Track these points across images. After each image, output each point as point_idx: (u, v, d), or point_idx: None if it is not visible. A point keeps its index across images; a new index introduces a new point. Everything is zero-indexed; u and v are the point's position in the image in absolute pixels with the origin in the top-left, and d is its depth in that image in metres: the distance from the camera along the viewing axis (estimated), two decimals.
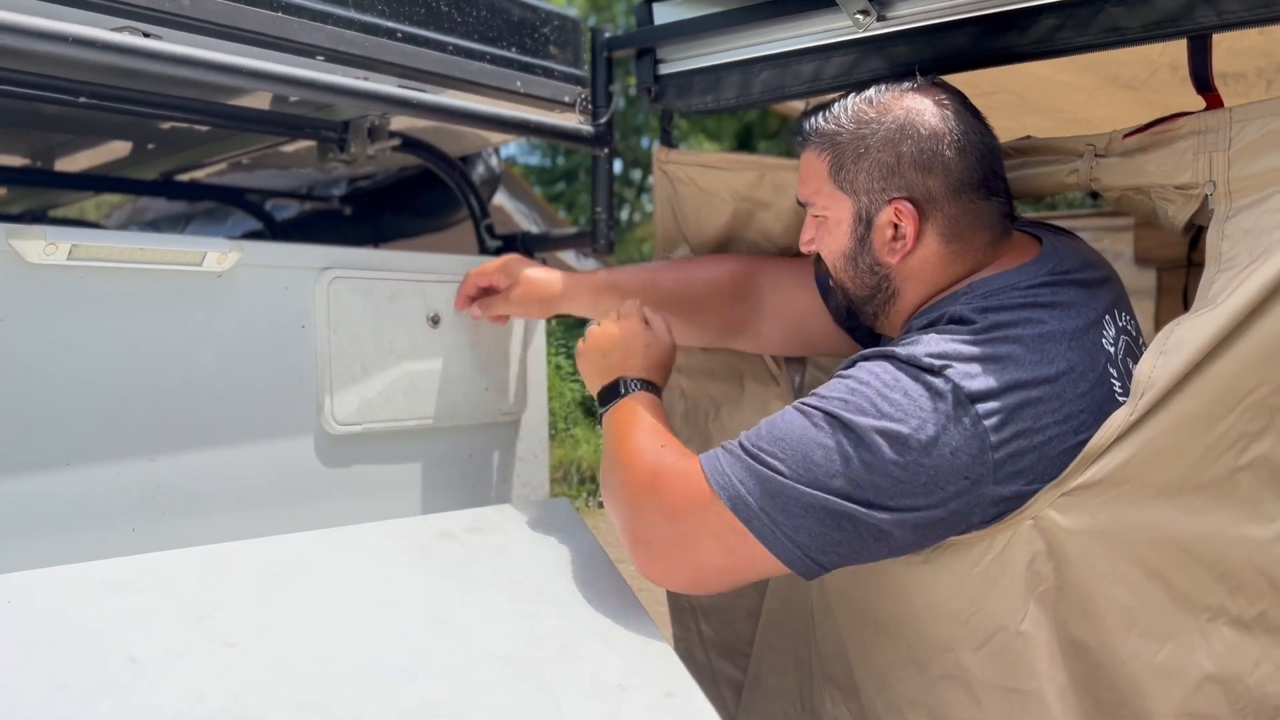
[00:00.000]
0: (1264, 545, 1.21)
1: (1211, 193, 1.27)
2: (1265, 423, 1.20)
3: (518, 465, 1.88)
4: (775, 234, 1.75)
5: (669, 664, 1.31)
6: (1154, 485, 1.23)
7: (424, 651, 1.24)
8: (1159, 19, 1.30)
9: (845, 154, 1.38)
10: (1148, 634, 1.25)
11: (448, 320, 1.76)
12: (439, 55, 1.64)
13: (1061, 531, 1.26)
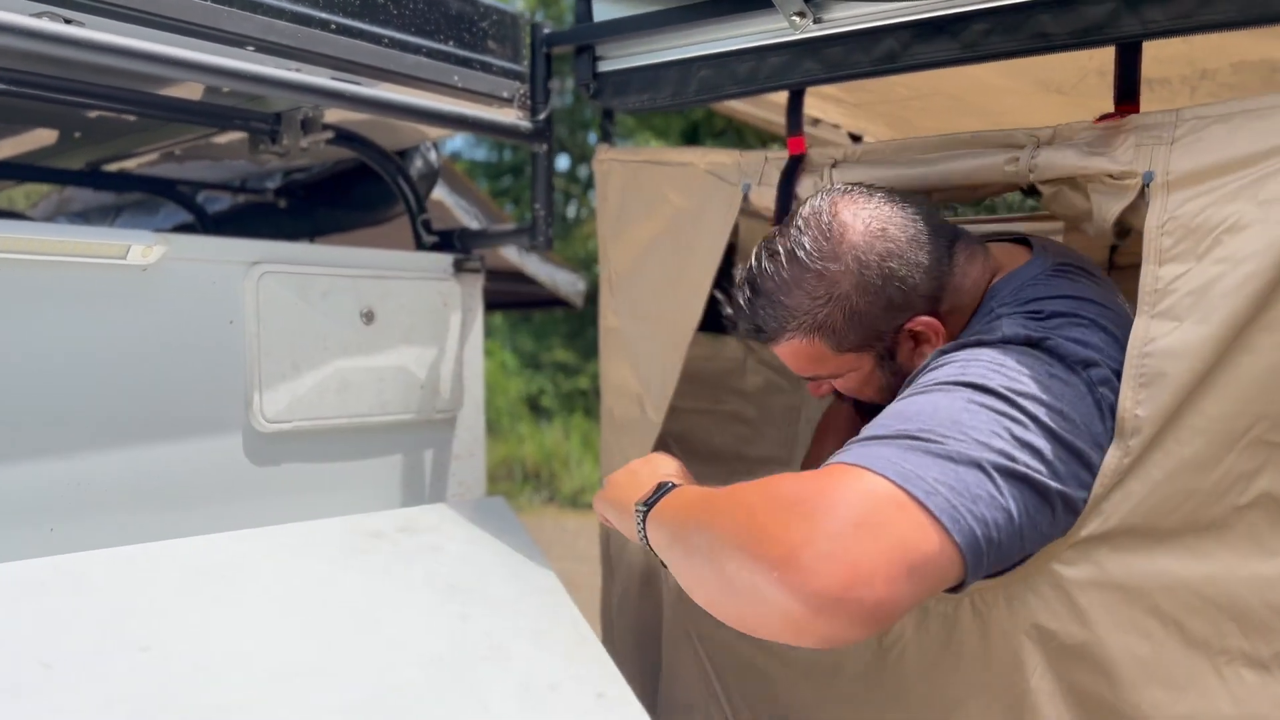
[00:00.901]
0: (1274, 582, 1.20)
1: (1149, 183, 1.28)
2: (1263, 459, 1.20)
3: (453, 464, 1.86)
4: (701, 249, 1.73)
5: (601, 664, 1.31)
6: (1159, 531, 1.24)
7: (349, 653, 1.23)
8: (1085, 26, 1.32)
9: (836, 325, 1.35)
10: (1167, 684, 1.25)
11: (382, 316, 1.73)
12: (374, 48, 1.62)
13: (1072, 585, 1.27)
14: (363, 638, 1.27)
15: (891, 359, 1.40)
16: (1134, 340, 1.27)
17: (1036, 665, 1.32)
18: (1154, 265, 1.27)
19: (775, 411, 2.40)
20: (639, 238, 1.81)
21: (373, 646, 1.26)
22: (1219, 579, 1.22)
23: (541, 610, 1.39)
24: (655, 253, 1.79)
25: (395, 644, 1.27)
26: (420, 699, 1.19)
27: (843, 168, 1.57)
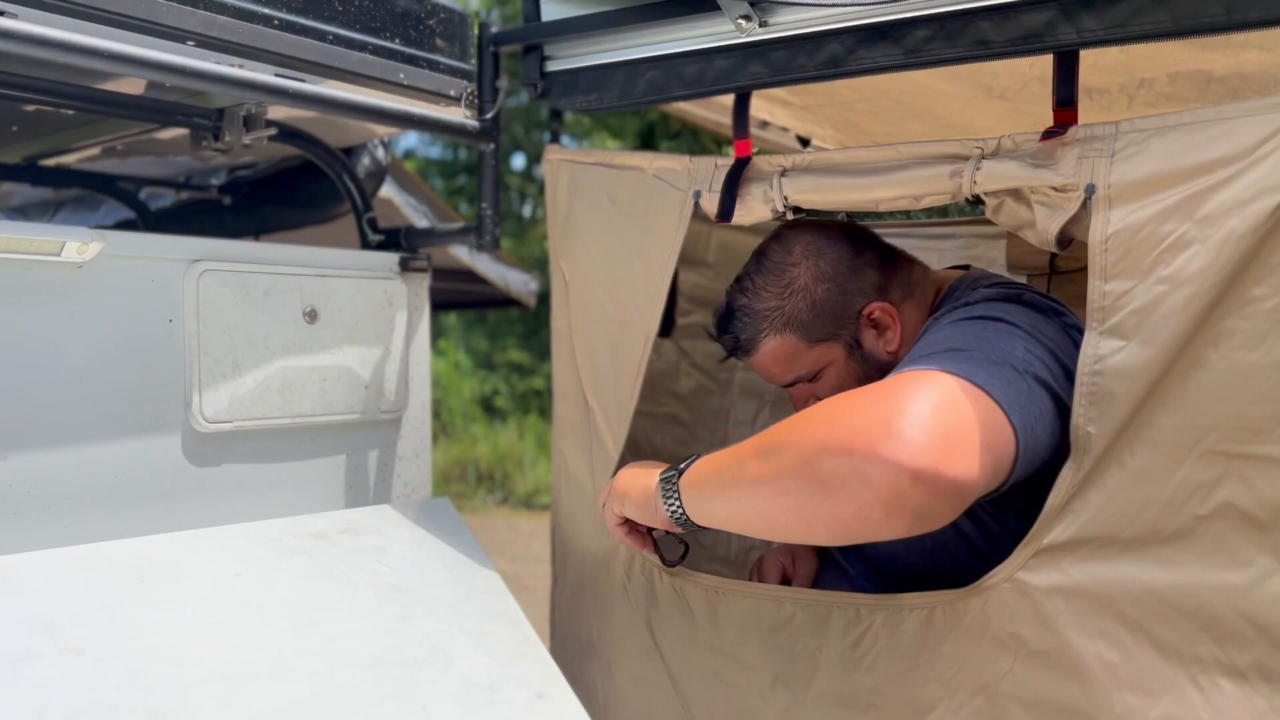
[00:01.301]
0: (1244, 591, 1.21)
1: (1091, 196, 1.31)
2: (1221, 470, 1.22)
3: (398, 465, 1.85)
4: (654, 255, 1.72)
5: (542, 665, 1.30)
6: (1122, 540, 1.26)
7: (286, 656, 1.21)
8: (1024, 34, 1.34)
9: (801, 316, 1.53)
10: (1140, 690, 1.26)
11: (325, 315, 1.72)
12: (318, 44, 1.60)
13: (1038, 592, 1.30)
14: (301, 640, 1.26)
15: (860, 347, 1.54)
16: (1084, 357, 1.30)
17: (1007, 670, 1.34)
18: (1099, 280, 1.29)
19: (707, 414, 2.41)
20: (590, 240, 1.81)
21: (311, 648, 1.25)
22: (1187, 587, 1.24)
23: (483, 611, 1.38)
24: (607, 256, 1.78)
25: (334, 646, 1.26)
26: (359, 701, 1.18)
27: (791, 176, 1.58)
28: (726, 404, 2.48)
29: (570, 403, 1.85)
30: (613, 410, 1.74)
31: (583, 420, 1.82)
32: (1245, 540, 1.22)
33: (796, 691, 1.52)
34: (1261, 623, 1.21)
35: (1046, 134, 1.35)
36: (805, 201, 1.58)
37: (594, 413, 1.79)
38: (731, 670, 1.59)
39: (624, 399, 1.72)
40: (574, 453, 1.85)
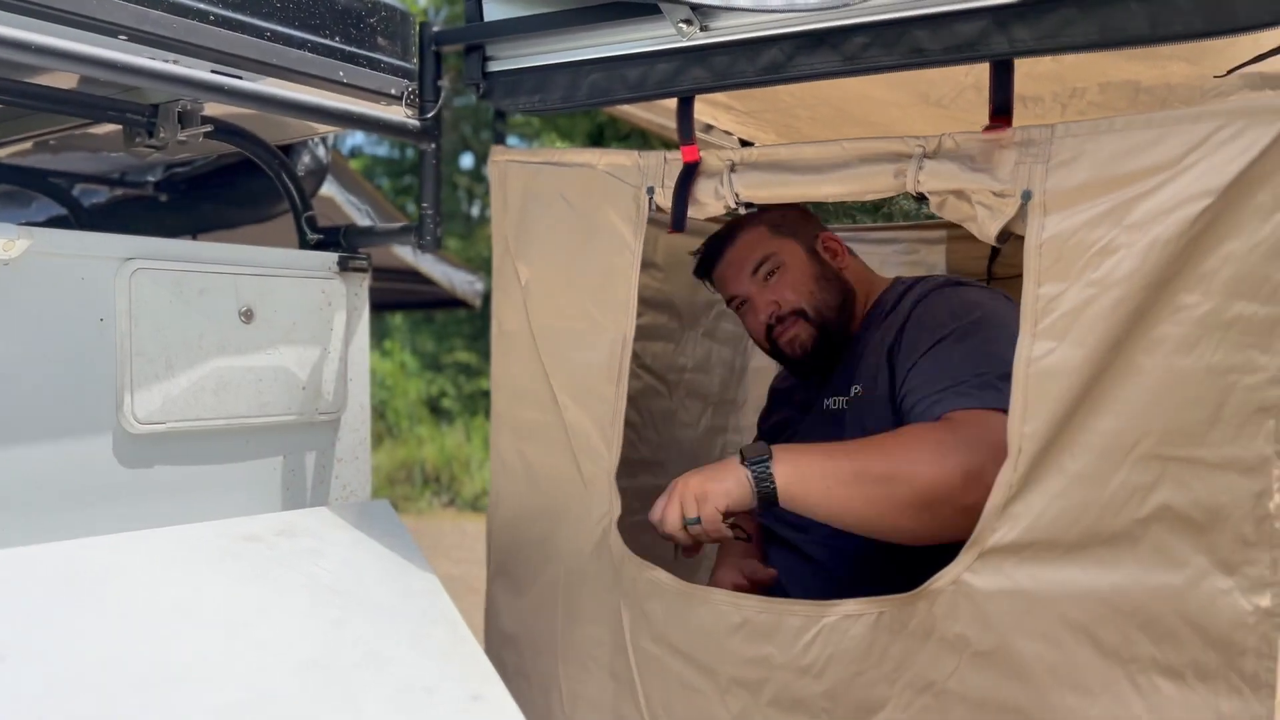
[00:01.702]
0: (1181, 592, 1.25)
1: (1028, 201, 1.34)
2: (1158, 473, 1.26)
3: (336, 466, 1.83)
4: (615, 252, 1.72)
5: (478, 666, 1.30)
6: (1064, 544, 1.30)
7: (219, 660, 1.20)
8: (958, 43, 1.37)
9: (771, 217, 1.90)
10: (1079, 689, 1.30)
11: (262, 315, 1.70)
12: (256, 41, 1.58)
13: (981, 594, 1.33)
14: (234, 644, 1.24)
15: (815, 255, 1.90)
16: (1019, 359, 1.33)
17: (953, 670, 1.37)
18: (1034, 284, 1.33)
19: (655, 415, 2.42)
20: (546, 240, 1.79)
21: (244, 653, 1.23)
22: (1128, 589, 1.27)
23: (420, 613, 1.38)
24: (566, 255, 1.77)
25: (268, 650, 1.25)
26: (293, 705, 1.17)
27: (741, 171, 1.60)
28: (674, 405, 2.49)
29: (536, 405, 1.83)
30: (600, 412, 1.73)
31: (554, 421, 1.80)
32: (1182, 542, 1.25)
33: (751, 696, 1.54)
34: (1198, 623, 1.25)
35: (988, 129, 1.38)
36: (755, 196, 1.60)
37: (568, 412, 1.77)
38: (692, 673, 1.61)
39: (610, 401, 1.71)
40: (542, 454, 1.82)
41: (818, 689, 1.49)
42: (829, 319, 1.86)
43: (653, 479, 2.42)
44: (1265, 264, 1.21)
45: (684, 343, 2.51)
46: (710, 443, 2.61)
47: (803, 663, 1.50)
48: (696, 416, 2.56)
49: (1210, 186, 1.24)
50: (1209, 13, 1.22)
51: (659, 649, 1.64)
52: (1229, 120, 1.23)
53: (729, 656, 1.57)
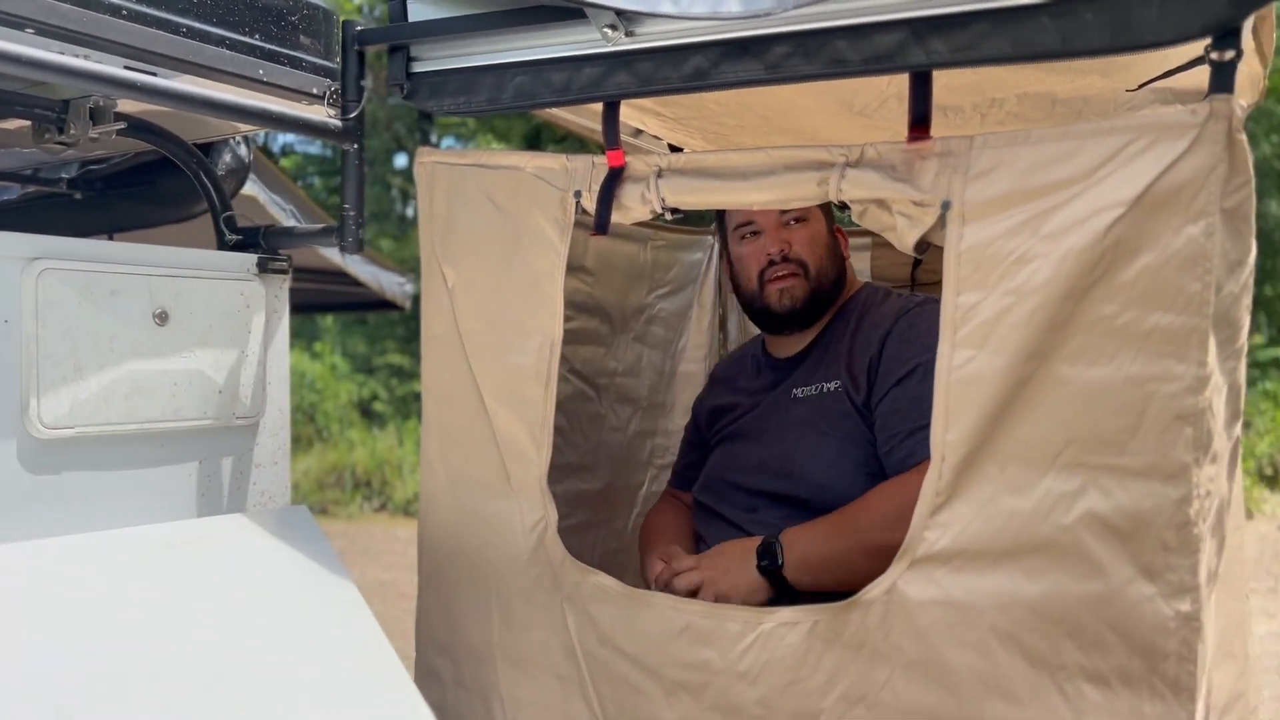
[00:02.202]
0: (1106, 599, 1.28)
1: (947, 211, 1.36)
2: (1082, 481, 1.28)
3: (254, 472, 1.80)
4: (541, 256, 1.71)
5: (394, 674, 1.29)
6: (992, 552, 1.32)
7: (128, 672, 1.17)
8: (877, 54, 1.39)
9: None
10: (1007, 698, 1.32)
11: (177, 317, 1.66)
12: (170, 37, 1.54)
13: (913, 604, 1.35)
14: (144, 655, 1.21)
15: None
16: (940, 367, 1.36)
17: (885, 681, 1.39)
18: (953, 293, 1.35)
19: (583, 420, 2.42)
20: (473, 243, 1.78)
21: (154, 664, 1.20)
22: (1054, 597, 1.30)
23: (335, 621, 1.36)
24: (493, 258, 1.75)
25: (179, 661, 1.22)
26: (204, 717, 1.14)
27: (667, 177, 1.60)
28: (603, 409, 2.49)
29: (463, 409, 1.81)
30: (529, 416, 1.72)
31: (482, 426, 1.78)
32: (1106, 549, 1.28)
33: (694, 699, 1.56)
34: (1122, 629, 1.28)
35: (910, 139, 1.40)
36: (681, 202, 1.61)
37: (497, 417, 1.75)
38: (639, 675, 1.62)
39: (539, 405, 1.70)
40: (469, 459, 1.80)
41: (753, 695, 1.51)
42: (822, 288, 1.93)
43: (580, 483, 2.41)
44: (1179, 275, 1.25)
45: (614, 347, 2.51)
46: (639, 446, 2.61)
47: (739, 668, 1.52)
48: (626, 420, 2.56)
49: (1122, 198, 1.27)
50: (1115, 30, 1.25)
51: (606, 651, 1.65)
52: (1140, 134, 1.27)
53: (672, 660, 1.58)
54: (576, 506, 2.40)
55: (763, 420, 1.95)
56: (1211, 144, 1.23)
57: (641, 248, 2.56)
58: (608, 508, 2.49)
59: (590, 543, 2.43)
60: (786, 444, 1.86)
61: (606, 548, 2.47)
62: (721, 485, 1.96)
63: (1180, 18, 1.22)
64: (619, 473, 2.53)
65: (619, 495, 2.53)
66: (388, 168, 13.71)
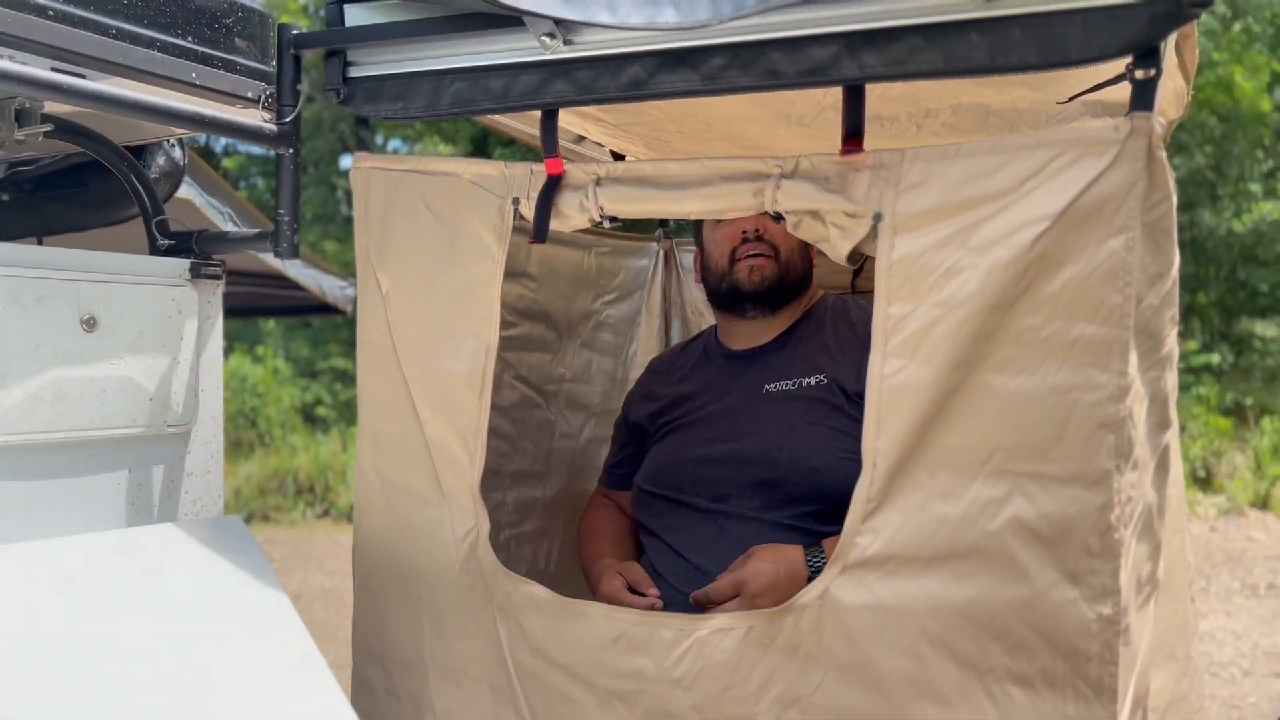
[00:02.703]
0: (1031, 603, 1.30)
1: (879, 223, 1.38)
2: (1008, 487, 1.31)
3: (186, 481, 1.77)
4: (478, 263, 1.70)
5: (325, 686, 1.27)
6: (923, 557, 1.34)
7: (53, 687, 1.14)
8: (811, 67, 1.41)
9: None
10: (937, 700, 1.34)
11: (106, 323, 1.62)
12: (100, 38, 1.51)
13: (845, 609, 1.36)
14: (69, 669, 1.19)
15: (804, 247, 1.99)
16: (871, 376, 1.38)
17: (818, 685, 1.41)
18: (885, 303, 1.38)
19: (531, 427, 2.41)
20: (408, 249, 1.77)
21: (79, 678, 1.18)
22: (982, 601, 1.32)
23: (265, 631, 1.34)
24: (429, 265, 1.74)
25: (105, 674, 1.19)
26: None
27: (606, 185, 1.60)
28: (552, 416, 2.48)
29: (395, 416, 1.79)
30: (462, 424, 1.70)
31: (414, 434, 1.77)
32: (1031, 554, 1.31)
33: (627, 707, 1.56)
34: (1046, 632, 1.31)
35: (845, 152, 1.42)
36: (619, 211, 1.61)
37: (429, 424, 1.74)
38: (571, 685, 1.61)
39: (472, 413, 1.69)
40: (401, 467, 1.79)
41: (688, 702, 1.51)
42: (790, 277, 1.97)
43: (531, 491, 2.40)
44: (1101, 287, 1.28)
45: (562, 353, 2.50)
46: (594, 453, 2.60)
47: (674, 675, 1.52)
48: (578, 427, 2.55)
49: (1047, 211, 1.30)
50: (1041, 48, 1.28)
51: (538, 662, 1.64)
52: (1065, 149, 1.30)
53: (606, 669, 1.58)
54: (529, 514, 2.39)
55: (730, 411, 1.96)
56: (1132, 160, 1.27)
57: (586, 254, 2.56)
58: (562, 515, 2.48)
59: (545, 551, 2.42)
60: (767, 436, 1.86)
61: (561, 556, 2.46)
62: (681, 474, 1.94)
63: (1102, 37, 1.25)
64: (573, 480, 2.52)
65: (573, 503, 2.52)
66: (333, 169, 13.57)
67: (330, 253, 11.60)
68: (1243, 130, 10.11)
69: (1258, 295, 10.40)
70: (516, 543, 2.34)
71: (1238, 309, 10.65)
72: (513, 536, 2.33)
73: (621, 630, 1.57)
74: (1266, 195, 10.41)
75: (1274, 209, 10.04)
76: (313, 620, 6.17)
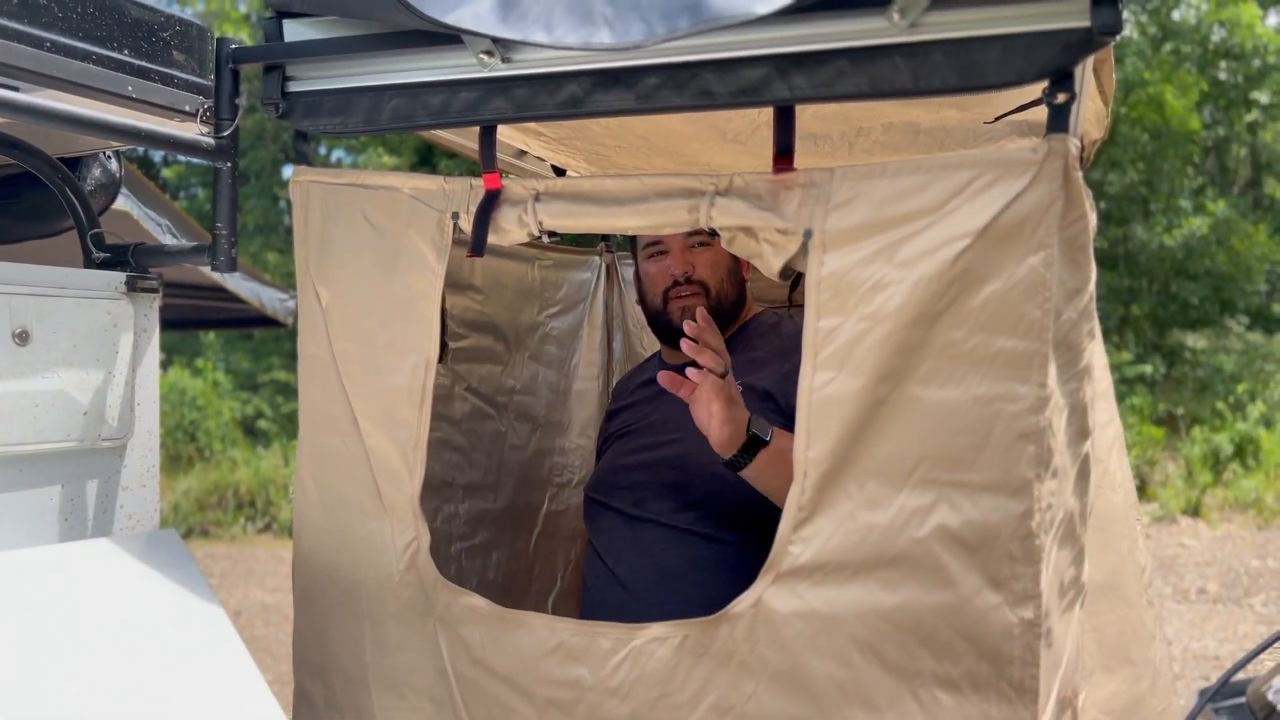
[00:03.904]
0: (956, 608, 1.34)
1: (809, 239, 1.42)
2: (934, 497, 1.35)
3: (121, 495, 1.75)
4: (418, 277, 1.71)
5: (262, 702, 1.27)
6: (852, 565, 1.37)
7: None
8: (743, 88, 1.44)
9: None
10: (866, 706, 1.37)
11: (39, 337, 1.61)
12: (31, 51, 1.51)
13: (778, 616, 1.39)
14: None
15: (734, 261, 2.04)
16: (802, 388, 1.41)
17: (752, 693, 1.43)
18: (815, 317, 1.42)
19: (483, 438, 2.42)
20: (348, 263, 1.77)
21: (10, 695, 1.17)
22: (909, 607, 1.36)
23: (202, 647, 1.33)
24: (368, 279, 1.75)
25: (37, 691, 1.18)
26: None
27: (545, 201, 1.62)
28: (503, 427, 2.49)
29: (336, 431, 1.79)
30: (402, 437, 1.71)
31: (355, 447, 1.76)
32: (956, 561, 1.35)
33: (565, 717, 1.57)
34: (971, 636, 1.35)
35: (777, 170, 1.46)
36: (558, 225, 1.63)
37: (370, 438, 1.74)
38: (511, 695, 1.62)
39: (413, 426, 1.69)
40: (342, 480, 1.78)
41: (624, 711, 1.53)
42: (722, 307, 2.03)
43: (482, 503, 2.41)
44: (1022, 302, 1.33)
45: (511, 365, 2.52)
46: (539, 464, 2.62)
47: (611, 684, 1.54)
48: (525, 439, 2.57)
49: (969, 229, 1.35)
50: (962, 72, 1.33)
51: (478, 673, 1.65)
52: (986, 170, 1.35)
53: (544, 678, 1.59)
54: (479, 527, 2.39)
55: (659, 421, 2.02)
56: (1050, 180, 1.32)
57: (530, 267, 2.58)
58: (510, 527, 2.50)
59: (494, 563, 2.43)
60: (683, 442, 1.90)
61: (509, 568, 2.47)
62: (612, 481, 2.03)
63: (1019, 62, 1.30)
64: (520, 491, 2.54)
65: (520, 514, 2.54)
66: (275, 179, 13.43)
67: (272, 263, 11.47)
68: (1173, 147, 10.40)
69: (1189, 308, 10.69)
70: (468, 555, 2.35)
71: (1170, 321, 10.94)
72: (464, 549, 2.34)
73: (560, 640, 1.59)
74: (1196, 211, 10.71)
75: (1203, 224, 10.33)
76: (253, 636, 6.11)
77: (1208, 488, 8.89)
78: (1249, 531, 8.06)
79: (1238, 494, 8.68)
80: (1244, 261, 10.33)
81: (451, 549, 2.29)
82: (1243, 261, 10.32)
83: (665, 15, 1.41)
